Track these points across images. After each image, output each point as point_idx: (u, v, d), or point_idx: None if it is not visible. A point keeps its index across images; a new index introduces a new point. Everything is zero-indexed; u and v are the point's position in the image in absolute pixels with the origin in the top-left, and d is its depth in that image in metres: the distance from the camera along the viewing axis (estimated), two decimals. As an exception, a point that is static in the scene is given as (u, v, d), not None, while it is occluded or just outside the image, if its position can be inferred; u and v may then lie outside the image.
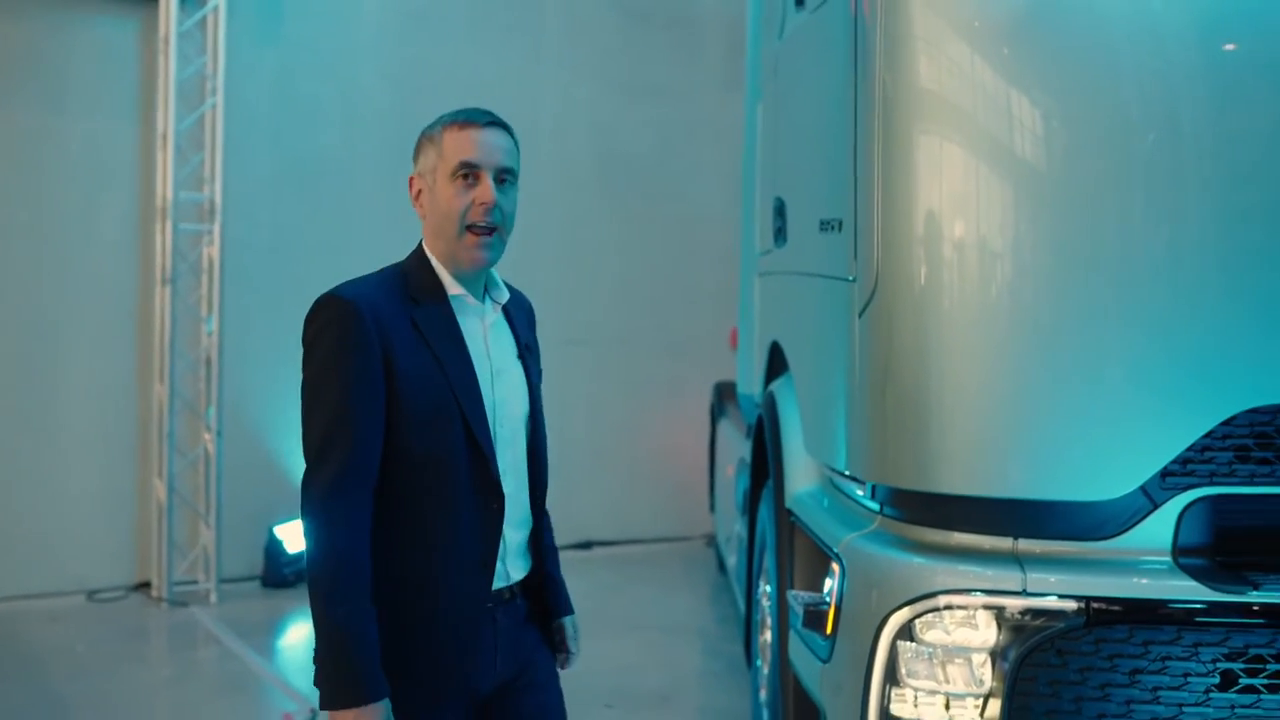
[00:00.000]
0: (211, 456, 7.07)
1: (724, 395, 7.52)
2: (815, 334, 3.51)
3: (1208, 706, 2.58)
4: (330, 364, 2.15)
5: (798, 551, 3.60)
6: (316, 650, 2.16)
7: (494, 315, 2.34)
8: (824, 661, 3.06)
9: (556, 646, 2.51)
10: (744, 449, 5.43)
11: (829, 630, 3.03)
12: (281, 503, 7.36)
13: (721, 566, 7.32)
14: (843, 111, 3.10)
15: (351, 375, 2.13)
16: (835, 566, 3.05)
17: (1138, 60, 2.75)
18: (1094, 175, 2.76)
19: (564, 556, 2.64)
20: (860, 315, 2.98)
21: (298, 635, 6.76)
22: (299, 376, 2.17)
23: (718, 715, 5.22)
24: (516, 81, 8.17)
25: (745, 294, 5.17)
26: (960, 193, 2.81)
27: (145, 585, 7.06)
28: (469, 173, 2.22)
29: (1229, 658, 2.58)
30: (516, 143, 2.31)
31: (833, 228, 3.19)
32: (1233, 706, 2.58)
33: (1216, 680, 2.58)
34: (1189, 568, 2.66)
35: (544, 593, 2.47)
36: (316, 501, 2.14)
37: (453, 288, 2.27)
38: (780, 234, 4.00)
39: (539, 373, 2.44)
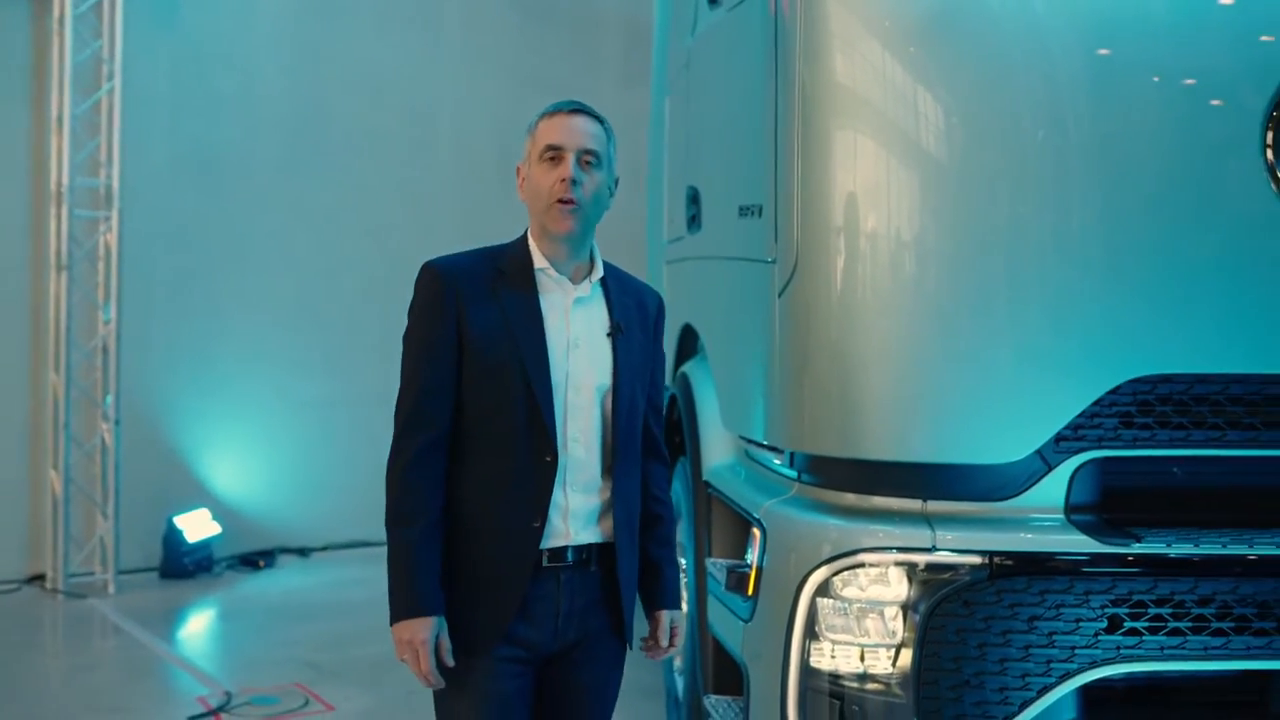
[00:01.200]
0: (109, 446, 6.97)
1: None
2: (733, 314, 3.69)
3: (1097, 648, 2.83)
4: (414, 321, 2.48)
5: (715, 522, 3.78)
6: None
7: (583, 292, 2.50)
8: (746, 622, 3.25)
9: (651, 636, 2.70)
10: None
11: (750, 591, 3.22)
12: (180, 492, 7.30)
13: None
14: (762, 105, 3.29)
15: (425, 332, 2.44)
16: (756, 531, 3.24)
17: (1028, 64, 2.99)
18: (990, 168, 3.00)
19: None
20: (780, 295, 3.17)
21: (200, 623, 6.72)
22: (198, 365, 2.31)
23: (625, 689, 5.36)
24: (416, 74, 8.23)
25: (653, 281, 5.33)
26: (872, 180, 3.02)
27: (39, 578, 6.93)
28: (554, 154, 2.45)
29: (1115, 604, 2.84)
30: (607, 131, 2.52)
31: (752, 213, 3.38)
32: (1118, 648, 2.84)
33: (1104, 624, 2.83)
34: (1080, 523, 2.90)
35: (646, 580, 2.66)
36: (394, 438, 2.43)
37: (539, 262, 2.48)
38: (694, 221, 4.17)
39: (638, 353, 2.54)
